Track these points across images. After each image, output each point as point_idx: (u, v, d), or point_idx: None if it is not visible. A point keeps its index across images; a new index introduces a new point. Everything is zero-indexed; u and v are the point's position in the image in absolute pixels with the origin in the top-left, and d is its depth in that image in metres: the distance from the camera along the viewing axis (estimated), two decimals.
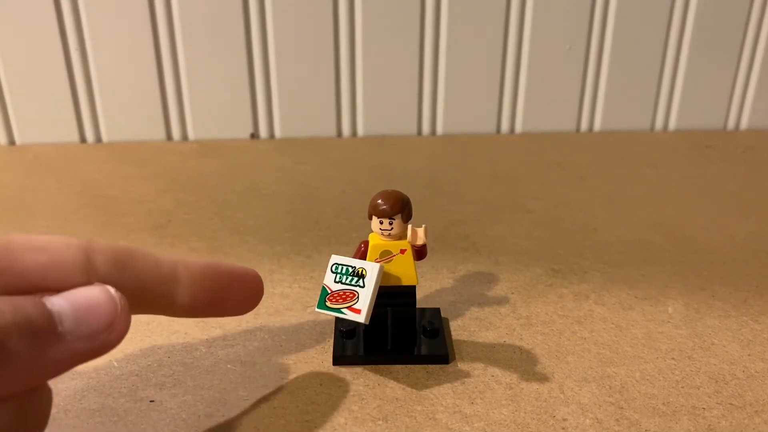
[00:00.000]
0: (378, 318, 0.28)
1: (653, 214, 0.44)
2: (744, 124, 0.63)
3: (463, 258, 0.38)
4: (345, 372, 0.28)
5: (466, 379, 0.28)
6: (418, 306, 0.30)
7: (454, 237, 0.41)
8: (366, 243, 0.28)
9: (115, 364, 0.29)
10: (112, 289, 0.19)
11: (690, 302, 0.33)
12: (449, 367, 0.28)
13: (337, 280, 0.26)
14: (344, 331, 0.30)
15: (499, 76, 0.59)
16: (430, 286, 0.35)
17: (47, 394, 0.20)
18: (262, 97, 0.58)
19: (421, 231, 0.27)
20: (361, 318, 0.25)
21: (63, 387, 0.27)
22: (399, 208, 0.27)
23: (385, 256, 0.27)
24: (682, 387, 0.27)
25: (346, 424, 0.25)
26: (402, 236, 0.27)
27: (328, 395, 0.27)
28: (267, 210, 0.45)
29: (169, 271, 0.20)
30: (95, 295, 0.18)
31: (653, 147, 0.58)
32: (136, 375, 0.28)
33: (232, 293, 0.23)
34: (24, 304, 0.17)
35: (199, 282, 0.21)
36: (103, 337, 0.18)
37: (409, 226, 0.27)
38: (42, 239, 0.19)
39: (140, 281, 0.20)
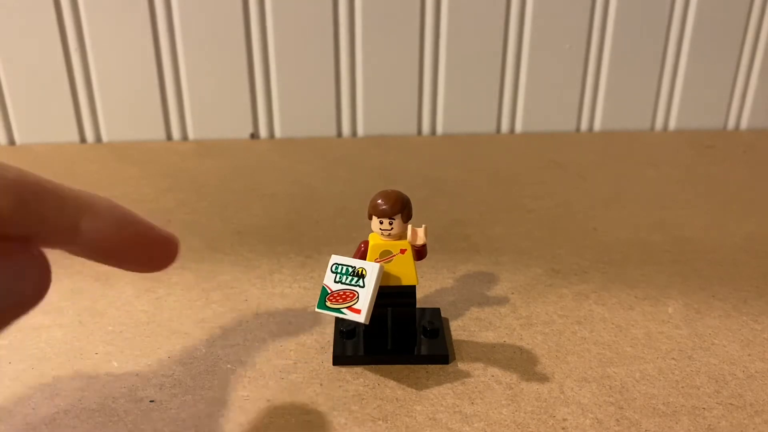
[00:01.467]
0: (378, 318, 0.28)
1: (653, 214, 0.44)
2: (744, 124, 0.63)
3: (463, 258, 0.38)
4: (345, 372, 0.28)
5: (466, 379, 0.28)
6: (418, 306, 0.30)
7: (454, 237, 0.41)
8: (366, 243, 0.28)
9: (115, 364, 0.29)
10: None
11: (690, 302, 0.33)
12: (449, 367, 0.28)
13: (337, 280, 0.26)
14: (344, 331, 0.30)
15: (499, 76, 0.59)
16: (430, 286, 0.35)
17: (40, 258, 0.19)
18: (262, 97, 0.58)
19: (421, 231, 0.27)
20: (361, 318, 0.25)
21: (63, 387, 0.27)
22: (399, 208, 0.27)
23: (385, 256, 0.27)
24: (682, 387, 0.27)
25: (346, 424, 0.25)
26: (402, 236, 0.27)
27: (328, 395, 0.27)
28: (267, 210, 0.45)
29: (72, 220, 0.19)
30: None
31: (653, 147, 0.58)
32: (136, 375, 0.28)
33: (142, 252, 0.21)
34: None
35: (103, 237, 0.19)
36: None
37: (409, 226, 0.27)
38: None
39: (41, 225, 0.18)
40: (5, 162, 0.18)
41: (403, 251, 0.27)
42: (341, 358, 0.29)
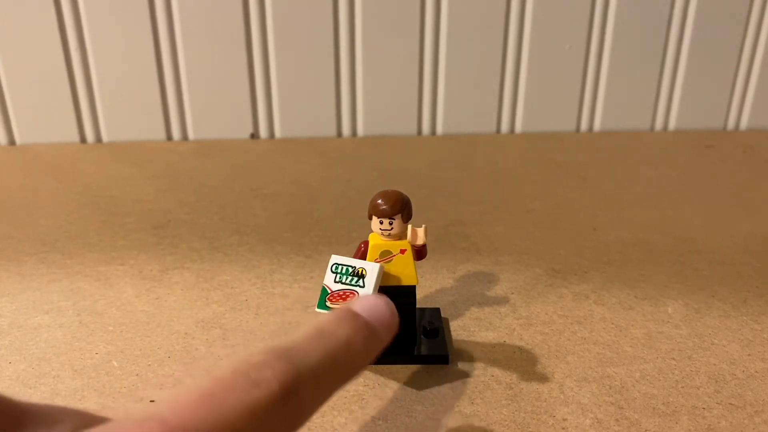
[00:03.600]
0: None
1: (653, 214, 0.44)
2: (744, 124, 0.63)
3: (463, 258, 0.38)
4: None
5: (466, 379, 0.28)
6: (418, 306, 0.30)
7: (454, 237, 0.41)
8: (366, 243, 0.28)
9: (115, 364, 0.29)
10: None
11: (690, 302, 0.33)
12: (449, 367, 0.28)
13: (338, 280, 0.26)
14: None
15: (499, 76, 0.59)
16: (430, 286, 0.35)
17: None
18: (262, 97, 0.58)
19: (421, 231, 0.27)
20: None
21: (63, 387, 0.27)
22: (399, 208, 0.27)
23: (385, 256, 0.27)
24: (682, 387, 0.27)
25: (346, 424, 0.25)
26: (402, 236, 0.27)
27: None
28: (267, 210, 0.45)
29: None
30: None
31: (653, 147, 0.58)
32: (136, 375, 0.28)
33: None
34: None
35: None
36: None
37: (409, 226, 0.27)
38: None
39: None
40: None
41: (403, 251, 0.27)
42: None
